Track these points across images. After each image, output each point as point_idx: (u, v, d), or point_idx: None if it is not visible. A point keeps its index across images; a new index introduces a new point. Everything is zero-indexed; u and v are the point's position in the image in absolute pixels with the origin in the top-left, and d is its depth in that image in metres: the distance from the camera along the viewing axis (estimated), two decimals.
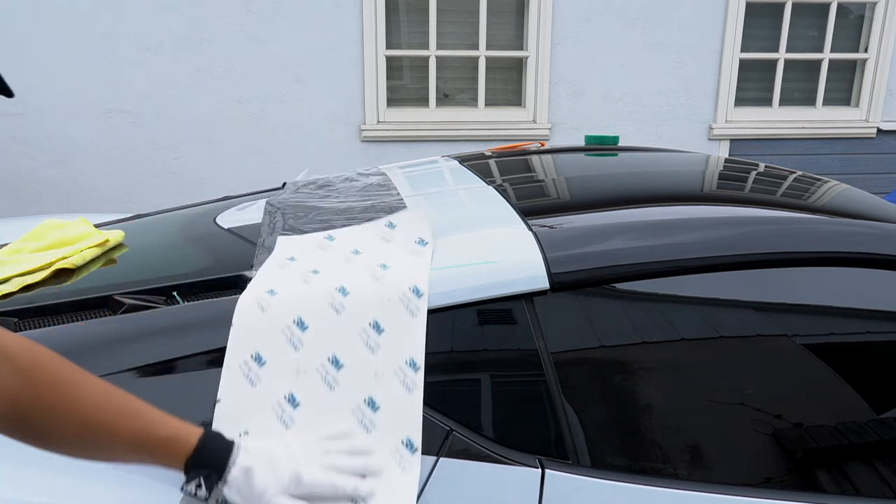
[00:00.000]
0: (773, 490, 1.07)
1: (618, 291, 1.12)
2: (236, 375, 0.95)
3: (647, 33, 4.44)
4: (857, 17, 4.78)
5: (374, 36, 4.16)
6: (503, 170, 1.77)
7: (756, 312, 1.14)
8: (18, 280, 1.30)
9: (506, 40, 4.46)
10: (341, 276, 1.04)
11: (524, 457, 0.99)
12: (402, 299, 1.00)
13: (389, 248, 1.14)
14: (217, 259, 1.46)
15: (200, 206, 1.98)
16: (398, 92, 4.44)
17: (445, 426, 0.98)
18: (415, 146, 4.35)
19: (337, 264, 1.10)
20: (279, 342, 0.97)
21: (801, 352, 1.14)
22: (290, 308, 0.99)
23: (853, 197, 1.54)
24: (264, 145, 4.24)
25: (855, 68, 4.84)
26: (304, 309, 0.99)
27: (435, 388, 0.99)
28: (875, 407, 1.15)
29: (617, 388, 1.09)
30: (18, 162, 4.03)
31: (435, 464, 0.95)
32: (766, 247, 1.15)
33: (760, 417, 1.10)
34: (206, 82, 4.10)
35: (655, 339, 1.10)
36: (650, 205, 1.39)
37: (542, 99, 4.44)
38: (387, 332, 0.98)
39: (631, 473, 1.03)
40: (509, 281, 1.06)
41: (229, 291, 1.13)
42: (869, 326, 1.20)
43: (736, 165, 1.83)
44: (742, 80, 4.66)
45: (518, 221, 1.21)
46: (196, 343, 0.99)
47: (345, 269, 1.07)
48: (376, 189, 1.56)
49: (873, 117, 4.82)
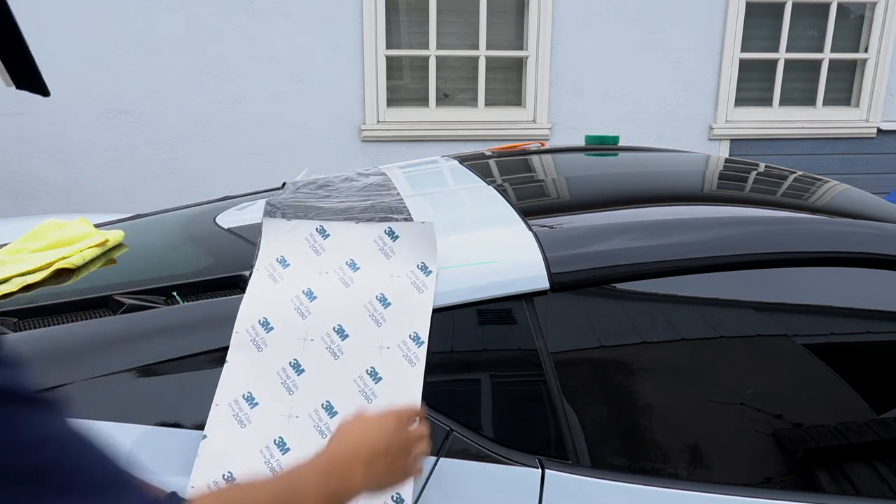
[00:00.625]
0: (773, 490, 1.07)
1: (618, 291, 1.11)
2: (244, 341, 0.97)
3: (647, 33, 4.44)
4: (857, 17, 4.77)
5: (374, 36, 4.16)
6: (503, 170, 1.77)
7: (756, 312, 1.14)
8: (18, 280, 1.30)
9: (506, 40, 4.45)
10: (340, 310, 1.03)
11: (524, 457, 0.99)
12: (409, 275, 1.03)
13: (389, 269, 1.08)
14: (217, 259, 1.46)
15: (200, 206, 1.98)
16: (398, 92, 4.44)
17: (445, 426, 0.98)
18: (415, 146, 4.35)
19: (332, 288, 1.06)
20: (287, 310, 1.00)
21: (801, 352, 1.14)
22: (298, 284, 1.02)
23: (853, 197, 1.54)
24: (264, 145, 4.24)
25: (855, 68, 4.84)
26: (313, 282, 1.02)
27: (435, 388, 0.99)
28: (875, 407, 1.15)
29: (617, 388, 1.09)
30: (18, 162, 4.03)
31: (435, 464, 0.95)
32: (767, 247, 1.15)
33: (760, 417, 1.10)
34: (206, 82, 4.09)
35: (655, 339, 1.10)
36: (650, 205, 1.39)
37: (542, 99, 4.43)
38: (393, 307, 1.01)
39: (631, 473, 1.03)
40: (509, 281, 1.06)
41: (229, 291, 1.13)
42: (869, 326, 1.20)
43: (736, 165, 1.83)
44: (742, 80, 4.66)
45: (518, 221, 1.21)
46: (196, 343, 0.99)
47: (342, 295, 1.05)
48: (376, 189, 1.56)
49: (873, 117, 4.82)
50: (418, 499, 0.92)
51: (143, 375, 0.96)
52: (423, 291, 1.02)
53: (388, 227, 1.10)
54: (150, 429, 0.93)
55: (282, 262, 1.08)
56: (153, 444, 0.93)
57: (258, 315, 1.00)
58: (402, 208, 1.32)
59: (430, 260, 1.04)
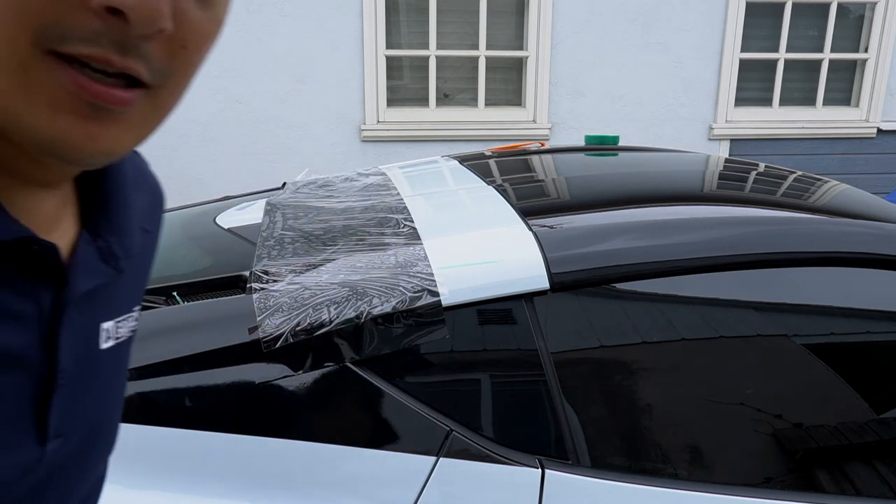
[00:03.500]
0: (773, 490, 1.07)
1: (618, 291, 1.11)
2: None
3: (647, 33, 4.44)
4: (857, 17, 4.78)
5: (374, 36, 4.16)
6: (503, 170, 1.77)
7: (756, 312, 1.14)
8: None
9: (506, 40, 4.45)
10: None
11: (524, 457, 0.99)
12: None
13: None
14: (217, 259, 1.46)
15: (200, 206, 1.98)
16: (398, 92, 4.44)
17: (445, 426, 0.98)
18: (415, 146, 4.35)
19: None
20: None
21: (801, 352, 1.14)
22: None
23: (853, 197, 1.54)
24: (264, 145, 4.24)
25: (855, 68, 4.84)
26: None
27: (435, 388, 0.99)
28: (875, 407, 1.15)
29: (617, 388, 1.09)
30: None
31: (435, 464, 0.95)
32: (766, 247, 1.15)
33: (760, 417, 1.10)
34: (206, 82, 4.09)
35: (655, 339, 1.10)
36: (650, 205, 1.38)
37: (542, 99, 4.43)
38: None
39: (631, 473, 1.03)
40: (509, 281, 1.06)
41: (229, 291, 1.13)
42: (869, 326, 1.20)
43: (736, 165, 1.83)
44: (742, 80, 4.66)
45: (518, 221, 1.21)
46: (196, 343, 0.99)
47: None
48: (376, 189, 1.56)
49: (873, 117, 4.82)
50: (418, 499, 0.92)
51: (142, 376, 0.96)
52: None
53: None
54: (150, 430, 0.93)
55: None
56: (151, 444, 0.92)
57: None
58: (401, 208, 1.32)
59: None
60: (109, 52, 0.35)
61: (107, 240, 0.47)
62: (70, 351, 0.44)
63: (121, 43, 0.35)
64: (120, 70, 0.36)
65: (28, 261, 0.40)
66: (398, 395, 1.00)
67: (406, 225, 1.26)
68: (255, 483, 0.96)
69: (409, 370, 1.02)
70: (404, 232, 1.23)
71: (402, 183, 1.62)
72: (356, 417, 1.00)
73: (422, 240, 1.17)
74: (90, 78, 0.36)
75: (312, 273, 1.10)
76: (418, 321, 1.02)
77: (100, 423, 0.51)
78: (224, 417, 0.97)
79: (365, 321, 1.00)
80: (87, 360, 0.47)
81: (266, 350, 0.97)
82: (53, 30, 0.34)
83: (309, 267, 1.13)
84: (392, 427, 1.00)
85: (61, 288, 0.43)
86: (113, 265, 0.47)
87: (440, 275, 1.06)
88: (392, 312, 1.01)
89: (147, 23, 0.35)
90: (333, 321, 1.00)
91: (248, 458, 0.97)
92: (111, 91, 0.36)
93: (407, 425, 0.99)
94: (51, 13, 0.34)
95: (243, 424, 0.97)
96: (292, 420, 0.98)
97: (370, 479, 0.97)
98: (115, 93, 0.37)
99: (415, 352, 1.02)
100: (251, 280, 1.10)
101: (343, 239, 1.23)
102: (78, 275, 0.44)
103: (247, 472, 0.96)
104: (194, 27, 0.39)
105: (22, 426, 0.42)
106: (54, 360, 0.43)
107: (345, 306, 1.01)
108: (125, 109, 0.38)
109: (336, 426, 0.99)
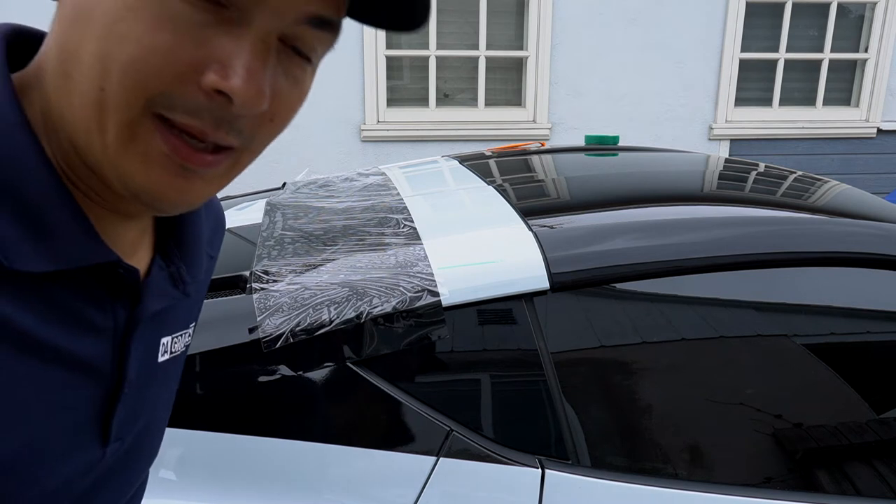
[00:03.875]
0: (773, 490, 1.07)
1: (618, 291, 1.11)
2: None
3: (647, 33, 4.44)
4: (857, 17, 4.78)
5: (374, 36, 4.16)
6: (503, 170, 1.77)
7: (756, 312, 1.14)
8: None
9: (506, 40, 4.46)
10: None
11: (524, 457, 0.99)
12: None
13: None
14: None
15: None
16: (398, 92, 4.44)
17: (445, 426, 0.98)
18: (415, 146, 4.35)
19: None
20: None
21: (801, 352, 1.14)
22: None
23: (853, 197, 1.54)
24: None
25: (855, 68, 4.84)
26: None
27: (435, 388, 0.99)
28: (875, 407, 1.15)
29: (617, 388, 1.09)
30: None
31: (435, 464, 0.95)
32: (767, 247, 1.15)
33: (760, 417, 1.10)
34: None
35: (655, 340, 1.10)
36: (650, 205, 1.38)
37: (542, 99, 4.44)
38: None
39: (631, 473, 1.03)
40: (509, 281, 1.06)
41: (229, 291, 1.13)
42: (869, 326, 1.20)
43: (736, 165, 1.83)
44: (742, 80, 4.66)
45: (518, 221, 1.21)
46: (196, 343, 0.99)
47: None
48: (376, 189, 1.56)
49: (873, 117, 4.82)
50: (418, 499, 0.92)
51: None
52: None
53: None
54: None
55: None
56: None
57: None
58: (401, 208, 1.32)
59: None
60: (208, 125, 0.40)
61: (178, 266, 0.52)
62: (136, 363, 0.49)
63: (220, 118, 0.40)
64: (213, 142, 0.41)
65: (112, 281, 0.45)
66: (398, 395, 1.00)
67: (406, 225, 1.26)
68: (255, 483, 0.96)
69: (409, 370, 1.02)
70: (404, 232, 1.23)
71: (402, 183, 1.62)
72: (356, 417, 1.00)
73: (422, 240, 1.17)
74: (186, 143, 0.40)
75: (312, 273, 1.10)
76: (418, 321, 1.02)
77: (149, 429, 0.56)
78: (224, 417, 0.97)
79: (365, 321, 1.00)
80: (147, 371, 0.52)
81: (266, 350, 0.97)
82: (165, 98, 0.38)
83: (309, 267, 1.13)
84: (392, 427, 1.00)
85: (135, 306, 0.48)
86: (181, 289, 0.53)
87: (440, 275, 1.06)
88: (392, 312, 1.01)
89: (249, 107, 0.39)
90: (333, 321, 1.00)
91: (248, 457, 0.97)
92: (202, 156, 0.41)
93: (407, 425, 0.99)
94: (167, 84, 0.38)
95: (243, 424, 0.97)
96: (292, 420, 0.98)
97: (370, 479, 0.97)
98: (204, 157, 0.41)
99: (415, 352, 1.02)
100: (251, 280, 1.10)
101: (343, 239, 1.23)
102: (151, 296, 0.49)
103: (246, 471, 0.96)
104: (284, 103, 0.43)
105: (90, 429, 0.47)
106: (123, 370, 0.48)
107: (345, 306, 1.01)
108: (211, 170, 0.42)
109: (336, 426, 0.99)
